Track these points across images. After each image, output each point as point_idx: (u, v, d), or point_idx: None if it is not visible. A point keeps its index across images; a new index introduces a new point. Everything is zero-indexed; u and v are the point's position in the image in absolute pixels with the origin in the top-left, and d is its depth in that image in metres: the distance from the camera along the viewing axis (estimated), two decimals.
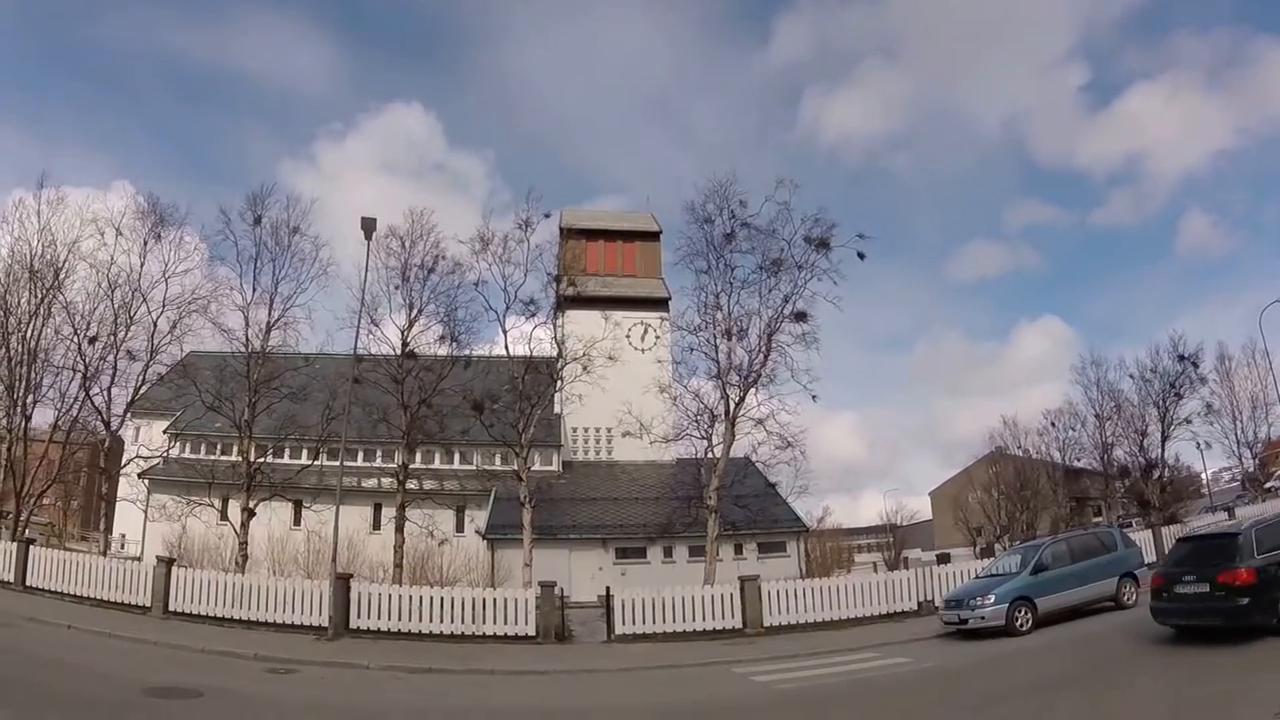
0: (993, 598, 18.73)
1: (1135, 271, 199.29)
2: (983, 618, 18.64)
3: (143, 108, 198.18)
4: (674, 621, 22.87)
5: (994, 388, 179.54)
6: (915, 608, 23.98)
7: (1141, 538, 27.50)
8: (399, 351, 32.67)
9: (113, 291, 36.66)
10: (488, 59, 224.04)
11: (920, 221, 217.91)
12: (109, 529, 35.70)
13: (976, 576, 22.22)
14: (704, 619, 23.01)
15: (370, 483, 41.47)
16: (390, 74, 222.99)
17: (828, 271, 29.03)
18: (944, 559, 37.41)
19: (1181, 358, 46.33)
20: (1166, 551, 28.19)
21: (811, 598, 23.79)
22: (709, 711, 13.12)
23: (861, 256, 29.00)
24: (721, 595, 23.56)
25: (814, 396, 29.27)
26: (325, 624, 22.47)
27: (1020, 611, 18.60)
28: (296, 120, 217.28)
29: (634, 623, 22.84)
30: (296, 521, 38.28)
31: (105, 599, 24.71)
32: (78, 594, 25.15)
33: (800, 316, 29.40)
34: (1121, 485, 57.28)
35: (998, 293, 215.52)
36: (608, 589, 24.14)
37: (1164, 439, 47.15)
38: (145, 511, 39.46)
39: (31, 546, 27.54)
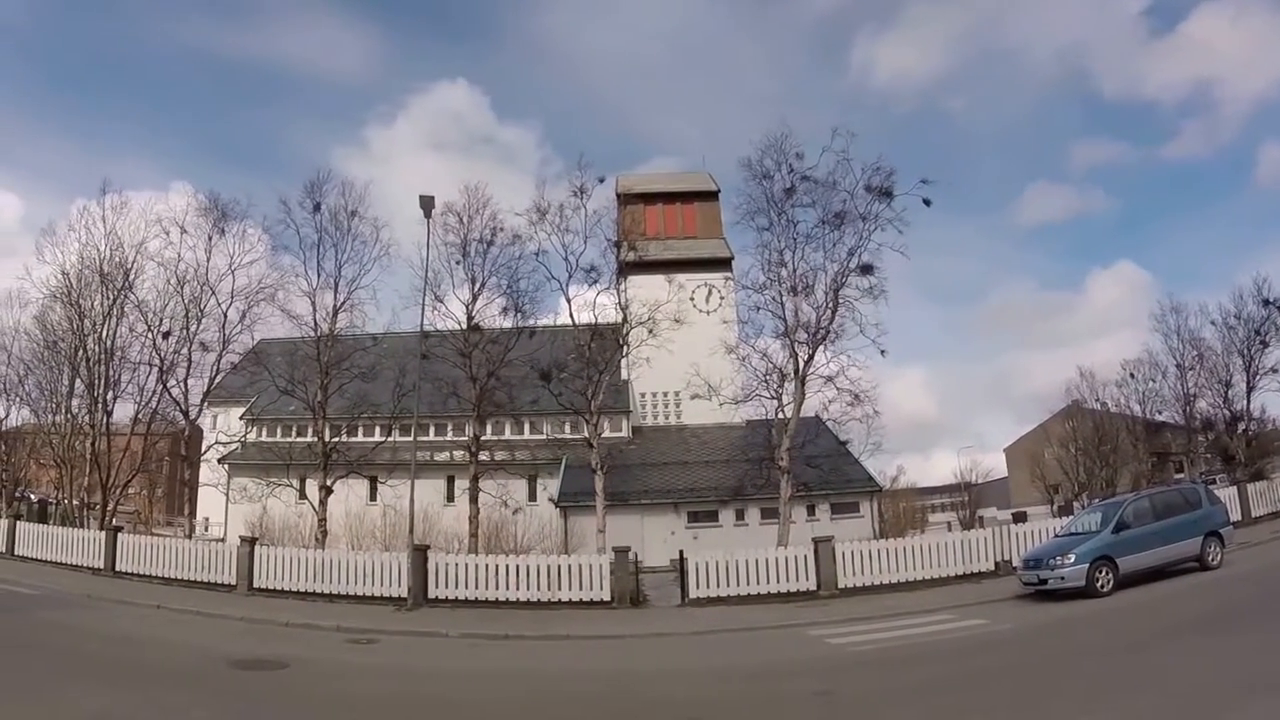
0: (1073, 557, 18.13)
1: (1213, 209, 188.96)
2: (1062, 578, 18.10)
3: (196, 110, 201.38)
4: (747, 584, 22.72)
5: (1069, 338, 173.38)
6: (992, 568, 23.40)
7: (1226, 494, 26.69)
8: (464, 326, 32.96)
9: (182, 287, 37.51)
10: (526, 26, 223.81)
11: (981, 165, 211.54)
12: (192, 513, 36.63)
13: (1055, 535, 21.67)
14: (777, 581, 22.81)
15: (442, 456, 41.80)
16: (431, 53, 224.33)
17: (892, 221, 28.31)
18: (1020, 518, 36.81)
19: (1266, 302, 44.41)
20: (1251, 509, 27.74)
21: (886, 559, 23.39)
22: (784, 674, 12.96)
23: (927, 203, 28.17)
24: (795, 557, 23.26)
25: (882, 351, 28.60)
26: (404, 595, 22.86)
27: (1101, 571, 17.98)
28: (345, 108, 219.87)
29: (707, 586, 22.75)
30: (373, 497, 38.76)
31: (192, 579, 25.63)
32: (165, 576, 26.12)
33: (866, 269, 28.73)
34: (1205, 439, 55.27)
35: (1068, 238, 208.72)
36: (681, 553, 24.02)
37: (1249, 390, 45.23)
38: (226, 494, 40.40)
39: (119, 534, 28.58)
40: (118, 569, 26.99)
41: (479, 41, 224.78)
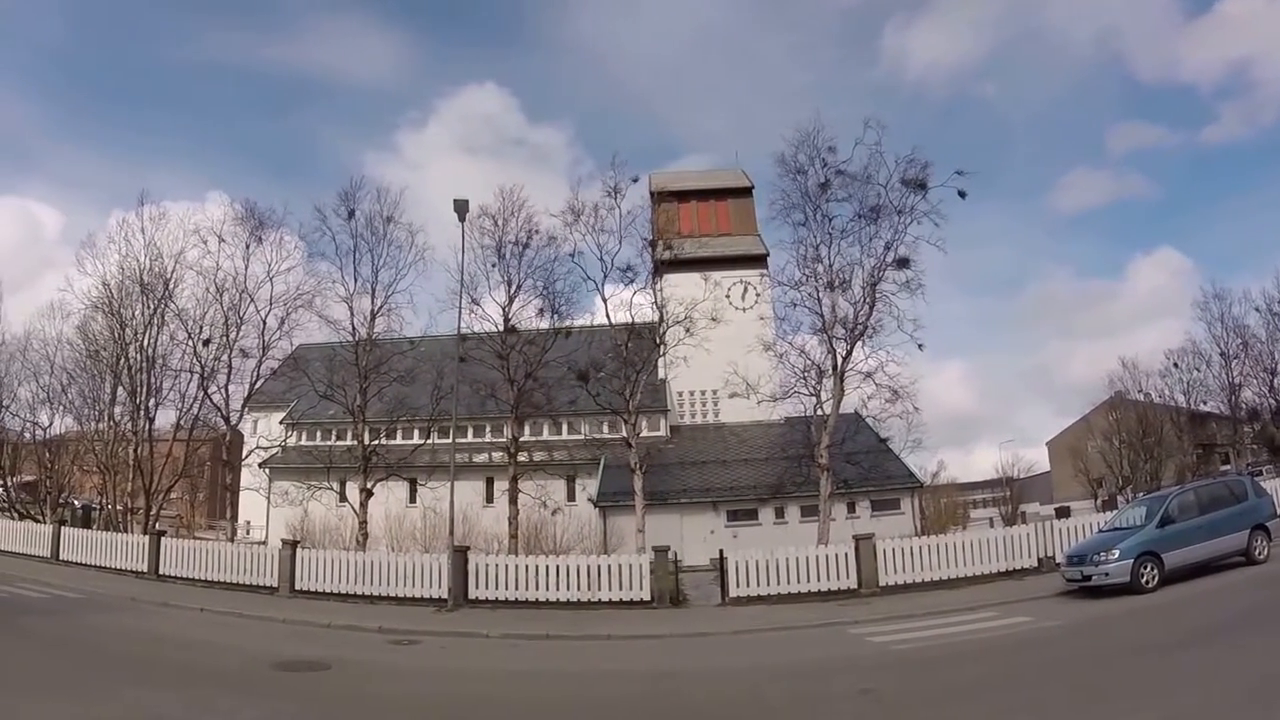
0: (1117, 552, 17.81)
1: (1256, 192, 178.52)
2: (1107, 574, 17.80)
3: (230, 121, 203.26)
4: (788, 583, 22.58)
5: (1110, 328, 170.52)
6: (1035, 564, 23.06)
7: (1273, 486, 26.12)
8: (501, 328, 33.07)
9: (221, 295, 38.17)
10: (553, 27, 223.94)
11: (1017, 153, 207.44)
12: (234, 517, 37.11)
13: (1099, 531, 21.28)
14: (818, 580, 22.65)
15: (481, 457, 41.98)
16: (459, 57, 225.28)
17: (928, 214, 27.92)
18: (1063, 513, 36.26)
19: None
20: None
21: (927, 556, 23.18)
22: (827, 673, 12.85)
23: (962, 195, 27.84)
24: (836, 555, 23.08)
25: (920, 345, 28.22)
26: (444, 596, 23.00)
27: (1146, 567, 17.62)
28: (375, 113, 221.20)
29: (748, 585, 22.63)
30: (412, 499, 39.09)
31: (234, 582, 25.92)
32: (208, 579, 26.43)
33: (903, 263, 28.38)
34: (1251, 430, 54.65)
35: (1107, 225, 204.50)
36: (721, 552, 23.94)
37: None
38: (267, 498, 40.82)
39: (163, 538, 28.98)
40: (161, 572, 27.35)
41: (507, 44, 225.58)
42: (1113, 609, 16.43)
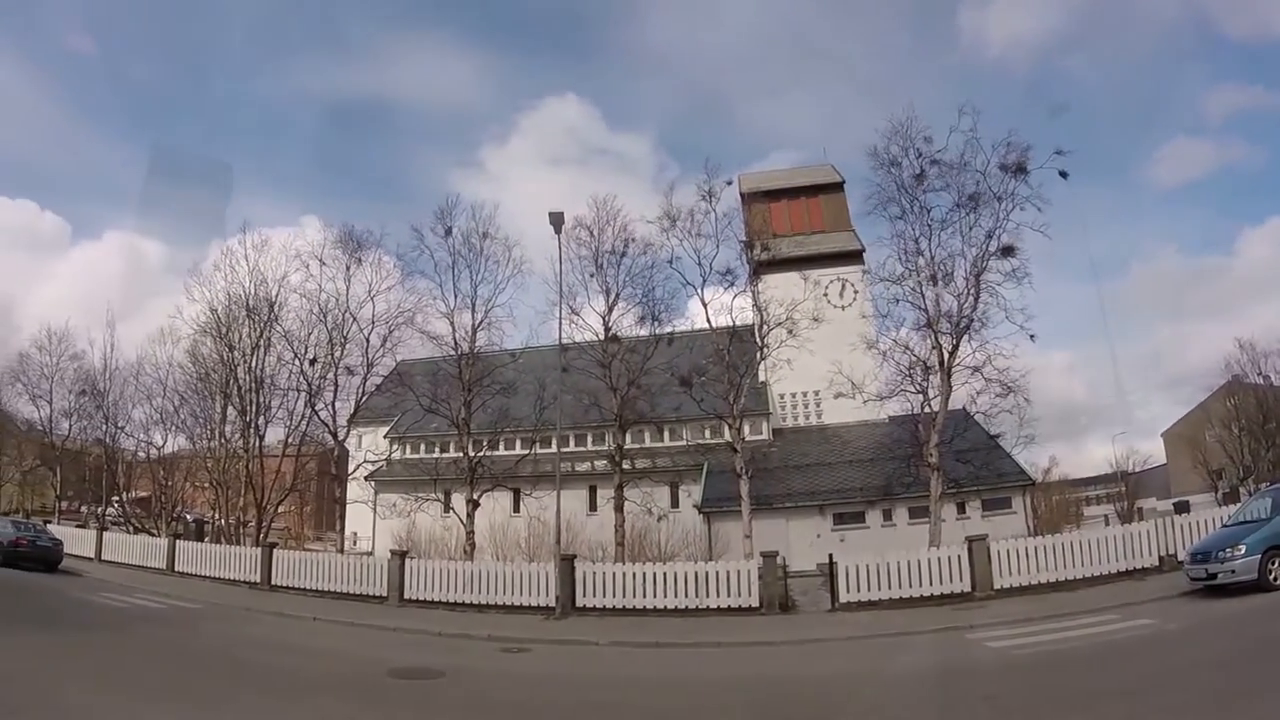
0: (1243, 548, 16.74)
1: None
2: (1233, 571, 16.72)
3: (320, 149, 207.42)
4: (899, 587, 22.10)
5: (1223, 306, 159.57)
6: (1156, 563, 22.07)
7: None
8: (602, 336, 33.34)
9: (324, 316, 38.79)
10: (626, 35, 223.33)
11: (1107, 125, 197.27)
12: (342, 529, 37.62)
13: (1223, 525, 20.04)
14: (930, 583, 22.13)
15: (583, 466, 42.07)
16: (536, 71, 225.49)
17: (1029, 198, 27.14)
18: (1182, 507, 34.80)
19: None
20: None
21: (1043, 556, 22.43)
22: (947, 679, 12.46)
23: (1064, 175, 26.82)
24: (948, 557, 22.54)
25: (1032, 336, 27.38)
26: (552, 604, 23.14)
27: (1275, 563, 16.54)
28: (458, 131, 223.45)
29: (858, 590, 22.23)
30: (516, 509, 39.34)
31: (344, 592, 26.50)
32: (318, 589, 27.03)
33: (1008, 251, 27.58)
34: None
35: (1211, 196, 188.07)
36: (830, 556, 23.48)
37: None
38: (373, 510, 41.64)
39: (274, 550, 29.75)
40: (274, 583, 28.05)
41: (583, 54, 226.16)
42: (1240, 608, 15.62)
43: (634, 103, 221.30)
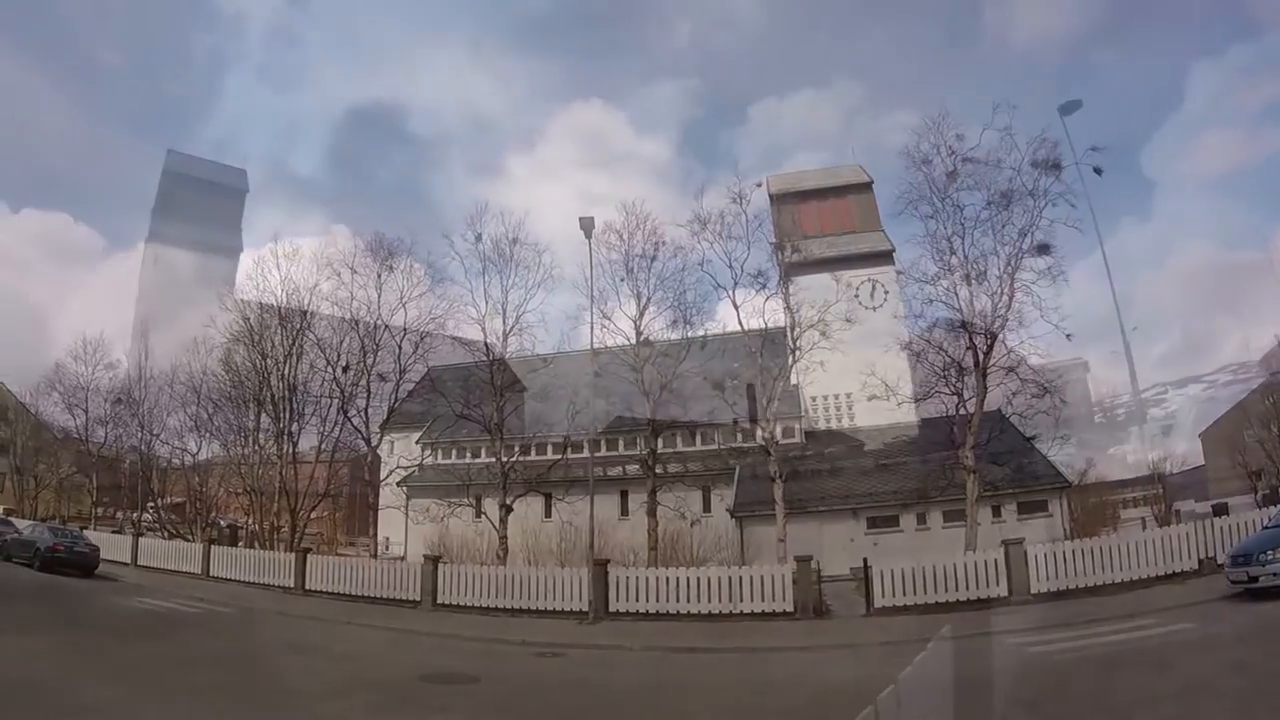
0: None
1: None
2: (1275, 574, 16.43)
3: (348, 160, 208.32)
4: (935, 591, 21.92)
5: (1263, 301, 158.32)
6: (1195, 567, 21.62)
7: None
8: (633, 341, 33.13)
9: (356, 324, 38.92)
10: (646, 39, 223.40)
11: (1140, 118, 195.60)
12: (375, 534, 37.76)
13: (1264, 527, 19.73)
14: (966, 587, 21.91)
15: (615, 470, 41.98)
16: (559, 77, 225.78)
17: (1063, 195, 26.93)
18: (1220, 510, 34.15)
19: None
20: None
21: (1080, 560, 22.10)
22: (988, 685, 12.32)
23: (1098, 171, 26.80)
24: (984, 561, 22.34)
25: (1068, 335, 27.20)
26: (585, 609, 23.06)
27: None
28: (483, 138, 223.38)
29: (893, 594, 22.07)
30: (548, 513, 39.28)
31: (377, 596, 26.45)
32: (351, 593, 27.03)
33: (1043, 249, 27.22)
34: None
35: (1247, 187, 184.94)
36: (865, 560, 23.32)
37: None
38: (405, 515, 41.64)
39: (308, 555, 29.90)
40: (307, 587, 28.11)
41: (604, 58, 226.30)
42: None
43: (657, 106, 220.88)
